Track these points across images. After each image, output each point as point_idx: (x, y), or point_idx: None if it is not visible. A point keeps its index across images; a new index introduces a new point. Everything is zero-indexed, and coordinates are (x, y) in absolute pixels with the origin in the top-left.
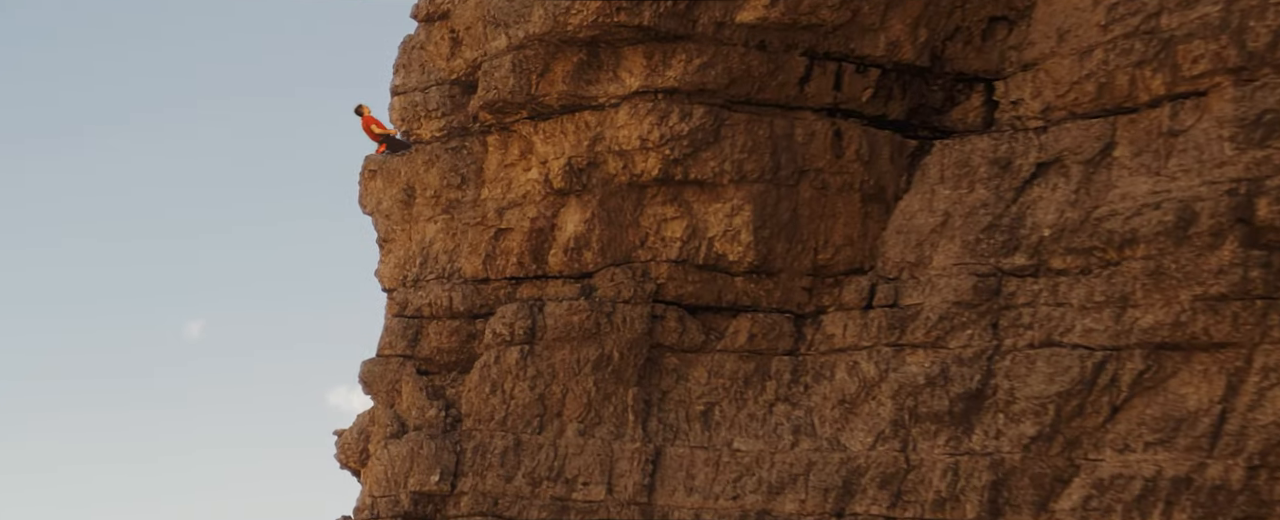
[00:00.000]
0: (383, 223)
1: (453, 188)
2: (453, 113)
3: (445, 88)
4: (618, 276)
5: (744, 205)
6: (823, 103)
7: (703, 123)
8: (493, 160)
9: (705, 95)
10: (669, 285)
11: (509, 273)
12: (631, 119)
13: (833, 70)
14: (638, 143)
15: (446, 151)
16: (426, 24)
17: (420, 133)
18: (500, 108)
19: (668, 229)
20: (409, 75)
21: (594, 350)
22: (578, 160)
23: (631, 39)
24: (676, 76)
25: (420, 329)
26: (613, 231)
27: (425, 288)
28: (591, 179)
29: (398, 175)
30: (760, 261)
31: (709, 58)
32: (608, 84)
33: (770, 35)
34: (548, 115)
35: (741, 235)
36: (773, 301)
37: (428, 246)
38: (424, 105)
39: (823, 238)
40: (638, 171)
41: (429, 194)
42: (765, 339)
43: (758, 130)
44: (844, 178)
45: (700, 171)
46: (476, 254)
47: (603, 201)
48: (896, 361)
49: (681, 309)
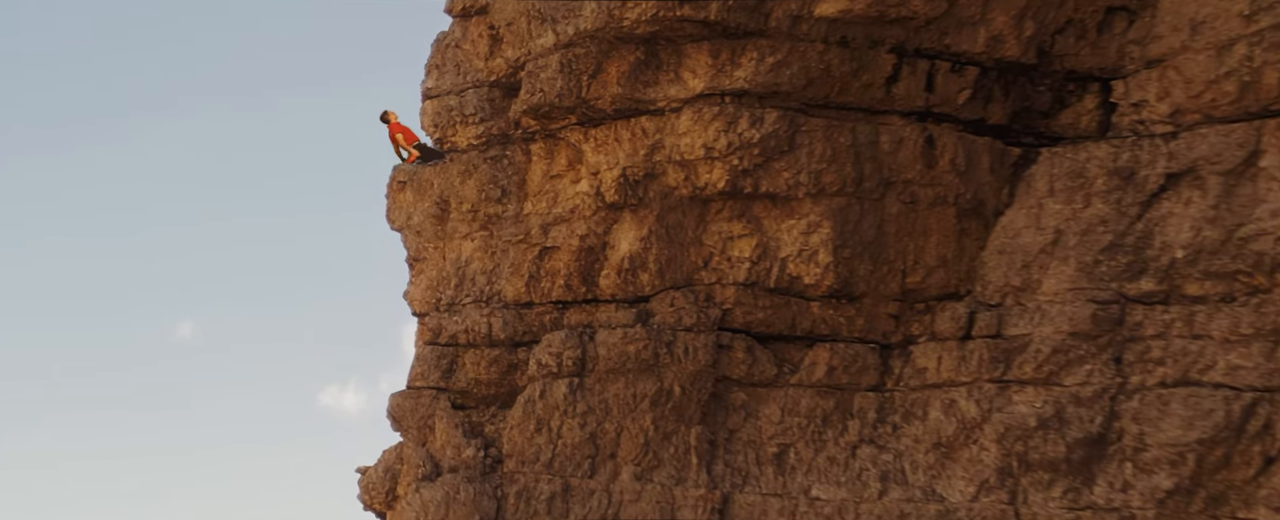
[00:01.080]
0: (413, 240)
1: (492, 201)
2: (492, 118)
3: (483, 90)
4: (678, 301)
5: (822, 221)
6: (913, 106)
7: (776, 129)
8: (537, 171)
9: (779, 98)
10: (736, 311)
11: (555, 296)
12: (695, 125)
13: (924, 69)
14: (702, 151)
15: (485, 161)
16: (462, 20)
17: (455, 140)
18: (546, 112)
19: (735, 248)
20: (443, 77)
21: (652, 384)
22: (633, 171)
23: (695, 35)
24: (746, 77)
25: (455, 359)
26: (672, 251)
27: (461, 312)
28: (649, 192)
29: (430, 187)
30: (840, 285)
31: (783, 56)
32: (668, 86)
33: (853, 30)
34: (600, 121)
35: (819, 255)
36: (855, 330)
37: (464, 266)
38: (459, 110)
39: (912, 258)
40: (701, 184)
41: (465, 208)
42: (846, 372)
43: (838, 137)
44: (937, 190)
45: (772, 183)
46: (519, 275)
47: (661, 217)
48: (1001, 400)
49: (750, 338)
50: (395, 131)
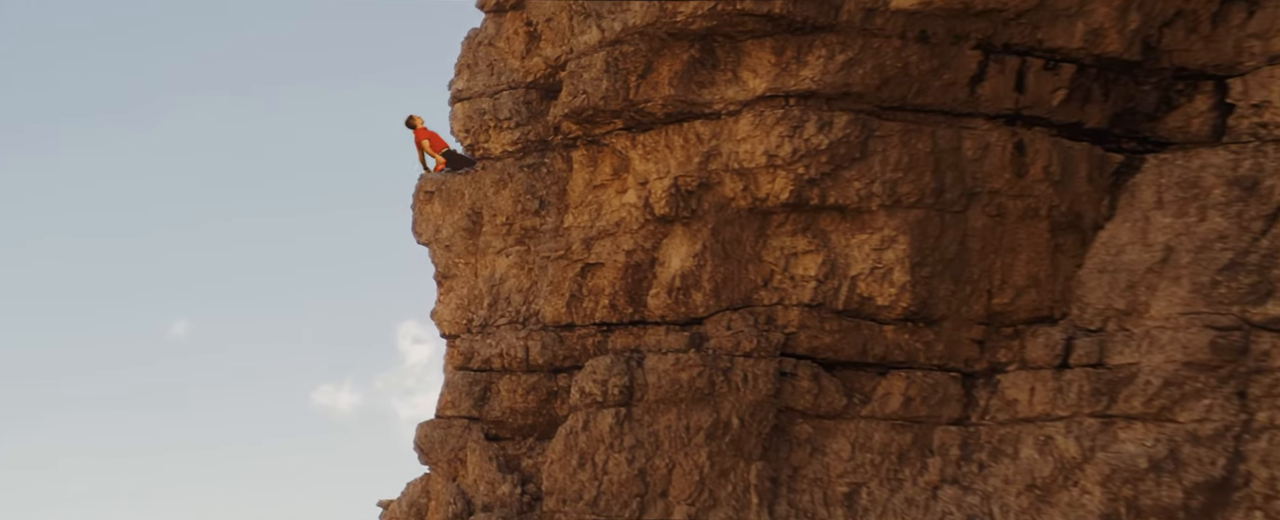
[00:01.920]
0: (442, 255)
1: (529, 213)
2: (528, 122)
3: (519, 92)
4: (735, 324)
5: (898, 236)
6: (1001, 107)
7: (846, 134)
8: (578, 180)
9: (850, 100)
10: (800, 335)
11: (599, 317)
12: (755, 130)
13: (1014, 67)
14: (763, 159)
15: (521, 170)
16: (495, 15)
17: (488, 147)
18: (589, 116)
19: (799, 265)
20: (474, 77)
21: (707, 415)
22: (686, 181)
23: (757, 31)
24: (814, 77)
25: (489, 385)
26: (729, 268)
27: (495, 335)
28: (702, 203)
29: (461, 198)
30: (918, 306)
31: (855, 53)
32: (725, 87)
33: (934, 24)
34: (649, 126)
35: (894, 274)
36: (934, 357)
37: (498, 284)
38: (493, 113)
39: (999, 277)
40: (762, 194)
41: (499, 221)
42: (925, 404)
43: (916, 142)
44: (1027, 201)
45: (842, 194)
46: (558, 294)
47: (716, 231)
48: (1106, 438)
49: (816, 365)
50: (422, 137)
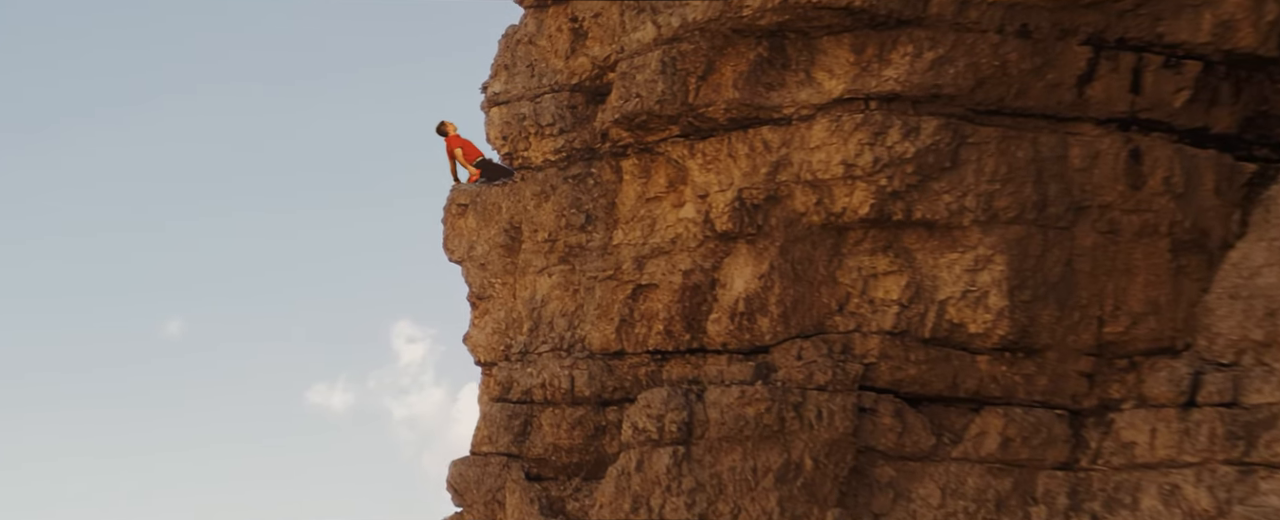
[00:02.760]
0: (476, 274)
1: (574, 229)
2: (573, 129)
3: (563, 95)
4: (807, 353)
5: (994, 256)
6: (1113, 111)
7: (936, 140)
8: (630, 192)
9: (940, 102)
10: (882, 366)
11: (652, 345)
12: (832, 136)
13: (1129, 64)
14: (840, 169)
15: (565, 181)
16: (536, 11)
17: (528, 156)
18: (643, 122)
19: (880, 288)
20: (513, 79)
21: (777, 455)
22: (752, 193)
23: (834, 26)
24: (899, 77)
25: (530, 419)
26: (800, 290)
27: (536, 363)
28: (770, 219)
29: (497, 212)
30: (1017, 335)
31: (946, 50)
32: (798, 89)
33: (1037, 17)
34: (710, 132)
35: (989, 298)
36: (1036, 392)
37: (539, 307)
38: (534, 119)
39: (1112, 302)
40: (838, 209)
41: (541, 237)
42: (1027, 445)
43: (1016, 150)
44: (1144, 217)
45: (930, 209)
46: (607, 319)
47: (785, 249)
48: (1244, 489)
49: (900, 400)
50: (454, 145)
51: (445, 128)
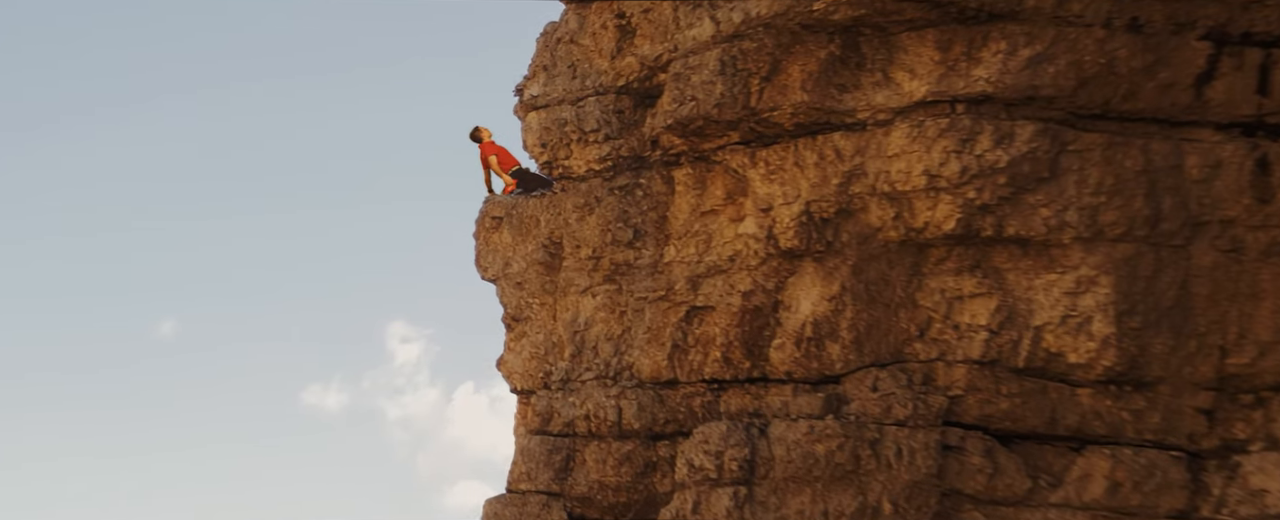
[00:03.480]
0: (512, 294)
1: (621, 245)
2: (620, 135)
3: (609, 99)
4: (884, 384)
5: (1098, 277)
6: (1237, 114)
7: (1032, 148)
8: (683, 205)
9: (1037, 105)
10: (969, 400)
11: (709, 373)
12: (913, 143)
13: (1255, 62)
14: (922, 180)
15: (611, 192)
16: (579, 6)
17: (569, 165)
18: (698, 128)
19: (965, 312)
20: (552, 81)
21: (850, 497)
22: (821, 206)
23: (917, 21)
24: (990, 77)
25: (573, 454)
26: (875, 314)
27: (580, 392)
28: (841, 234)
29: (536, 226)
30: (1126, 366)
31: (1045, 46)
32: (873, 91)
33: (1150, 9)
34: (774, 139)
35: (1093, 324)
36: (1147, 430)
37: (582, 330)
38: (576, 124)
39: (1235, 330)
40: (919, 224)
41: (584, 254)
42: (1138, 490)
43: (1123, 158)
44: (1273, 233)
45: (1025, 224)
46: (659, 344)
47: (858, 268)
48: None
49: (990, 437)
50: (488, 153)
51: (479, 133)
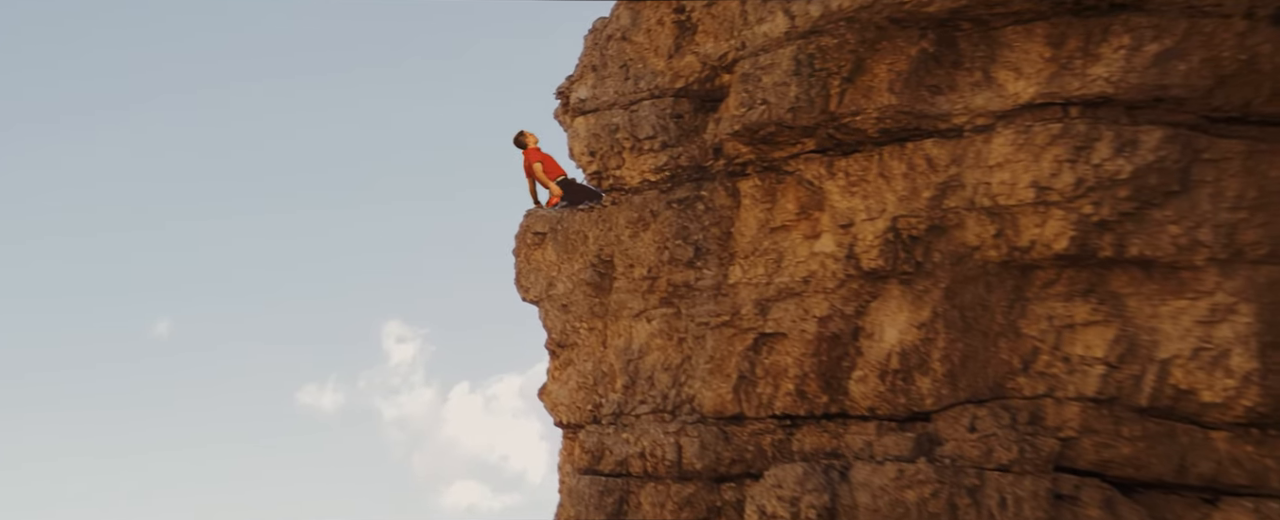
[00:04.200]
0: (556, 317)
1: (679, 264)
2: (678, 142)
3: (666, 102)
4: (983, 423)
5: (1238, 304)
6: None
7: (1160, 157)
8: (750, 220)
9: (1166, 108)
10: (1084, 443)
11: (780, 408)
12: (1018, 151)
13: None
14: (1029, 193)
15: (668, 206)
16: (632, 1)
17: (621, 175)
18: (769, 134)
19: (1079, 342)
20: (602, 83)
21: None
22: (910, 222)
23: (1024, 13)
24: (1112, 76)
25: (627, 496)
26: (971, 344)
27: (634, 428)
28: (933, 254)
29: (583, 242)
30: (1270, 406)
31: (1175, 41)
32: (973, 93)
33: None
34: (855, 147)
35: (1232, 358)
36: None
37: (636, 359)
38: (629, 130)
39: None
40: (1024, 242)
41: (638, 274)
42: None
43: (1267, 168)
44: None
45: (1150, 243)
46: (723, 375)
47: (952, 292)
48: None
49: (1109, 485)
50: (533, 160)
51: (524, 139)
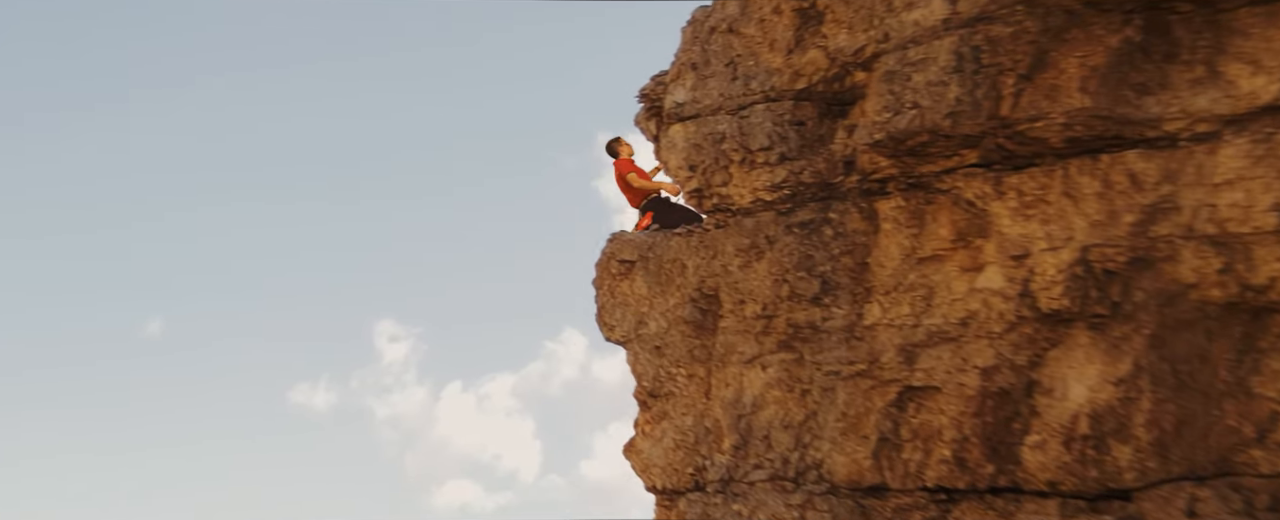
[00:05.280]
0: (648, 361)
1: (802, 301)
2: (800, 155)
3: (784, 106)
4: (1207, 506)
5: None
6: None
7: None
8: (892, 249)
9: None
10: None
11: (933, 479)
12: (1255, 166)
13: None
14: (1270, 218)
15: (788, 231)
16: None
17: (729, 193)
18: (919, 145)
19: None
20: (704, 84)
21: None
22: (1107, 254)
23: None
24: None
25: None
26: (1187, 406)
27: (747, 498)
28: (1135, 293)
29: (681, 273)
30: None
31: None
32: (1192, 92)
33: None
34: (1031, 159)
35: None
36: None
37: (748, 414)
38: (738, 140)
39: None
40: (1259, 280)
41: (751, 312)
42: None
43: None
44: None
45: None
46: (859, 436)
47: (1161, 340)
48: None
49: None
50: (625, 171)
51: (618, 148)
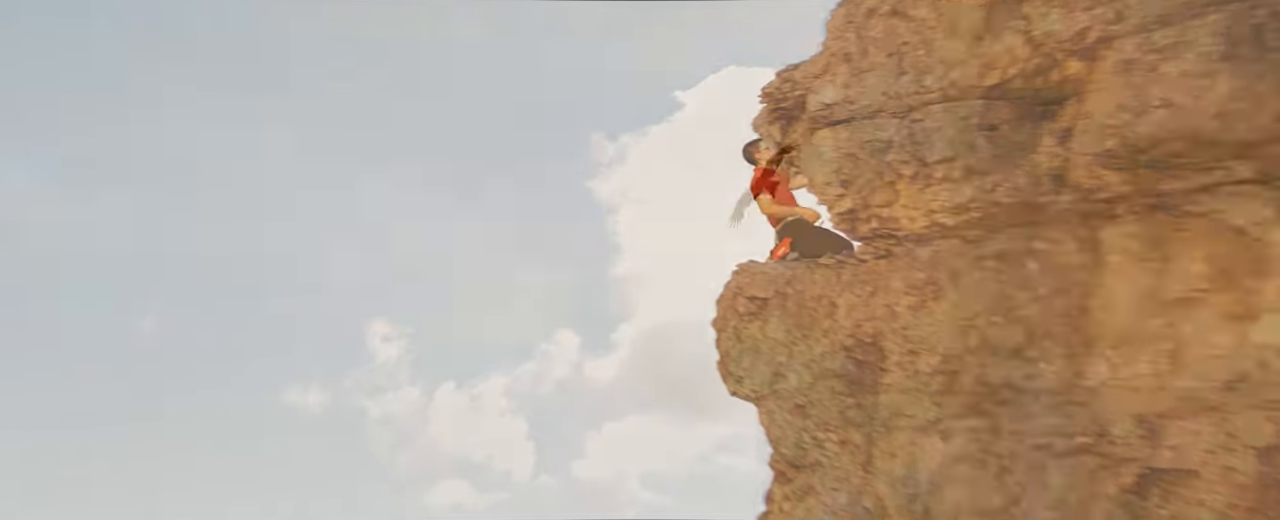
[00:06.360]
0: (788, 423)
1: (999, 354)
2: (992, 168)
3: (971, 108)
4: None
5: None
6: None
7: None
8: (1122, 289)
9: None
10: None
11: None
12: None
13: None
14: None
15: (978, 264)
16: None
17: (895, 215)
18: (1168, 155)
19: None
20: (860, 79)
21: None
22: None
23: None
24: None
25: None
26: None
27: None
28: None
29: (830, 315)
30: None
31: None
32: None
33: None
34: None
35: None
36: None
37: (925, 494)
38: (909, 149)
39: None
40: None
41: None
42: None
43: None
44: None
45: None
46: None
47: None
48: None
49: None
50: (760, 188)
51: (755, 153)
